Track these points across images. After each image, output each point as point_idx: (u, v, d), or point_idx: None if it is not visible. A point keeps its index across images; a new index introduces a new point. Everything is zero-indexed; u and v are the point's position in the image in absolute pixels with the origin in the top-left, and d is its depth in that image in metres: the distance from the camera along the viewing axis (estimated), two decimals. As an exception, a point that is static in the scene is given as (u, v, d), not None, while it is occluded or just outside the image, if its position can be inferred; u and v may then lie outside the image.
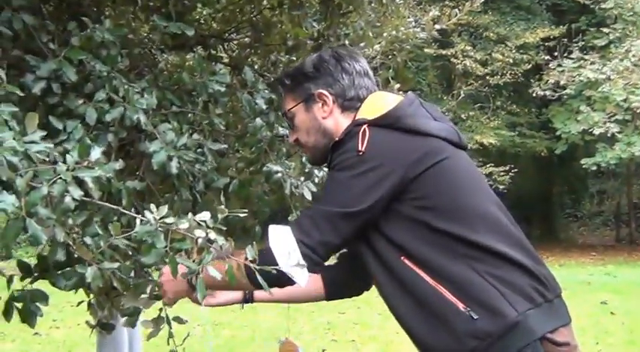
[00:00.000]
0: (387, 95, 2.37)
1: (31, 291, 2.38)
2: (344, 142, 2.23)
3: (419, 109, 2.27)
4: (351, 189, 2.16)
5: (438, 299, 2.13)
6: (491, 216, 2.23)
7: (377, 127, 2.19)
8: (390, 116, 2.21)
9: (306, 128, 2.43)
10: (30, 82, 2.54)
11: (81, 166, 2.10)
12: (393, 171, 2.14)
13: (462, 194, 2.20)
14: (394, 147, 2.17)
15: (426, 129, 2.21)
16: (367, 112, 2.27)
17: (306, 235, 2.14)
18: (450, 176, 2.20)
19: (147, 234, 2.12)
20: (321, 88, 2.38)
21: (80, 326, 8.78)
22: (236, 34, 3.97)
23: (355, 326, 9.24)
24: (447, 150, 2.22)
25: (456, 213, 2.16)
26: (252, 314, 9.77)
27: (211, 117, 3.01)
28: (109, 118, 2.60)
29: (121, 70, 2.79)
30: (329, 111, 2.38)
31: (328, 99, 2.38)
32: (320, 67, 2.40)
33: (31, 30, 2.64)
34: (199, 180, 2.96)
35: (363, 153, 2.14)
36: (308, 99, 2.40)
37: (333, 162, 2.25)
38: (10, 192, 1.98)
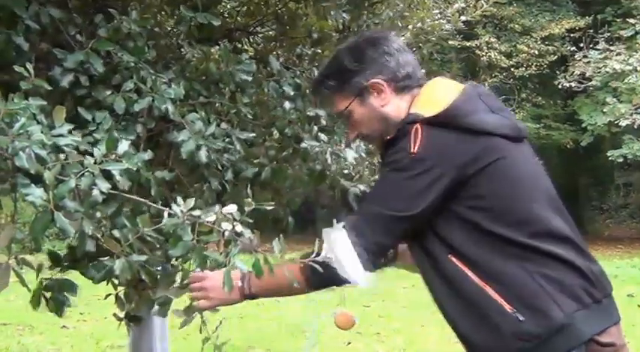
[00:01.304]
0: (445, 85, 2.31)
1: (59, 281, 2.40)
2: (397, 140, 2.18)
3: (477, 104, 2.20)
4: (403, 192, 2.13)
5: (484, 300, 2.10)
6: (544, 215, 2.18)
7: (431, 126, 2.13)
8: (445, 115, 2.14)
9: (367, 121, 2.36)
10: (58, 74, 2.56)
11: (108, 159, 2.11)
12: (445, 173, 2.10)
13: (515, 195, 2.16)
14: (447, 149, 2.12)
15: (483, 127, 2.14)
16: (423, 106, 2.21)
17: (361, 236, 2.10)
18: (504, 176, 2.15)
19: (174, 226, 2.13)
20: (372, 78, 2.31)
21: (107, 320, 8.81)
22: (261, 27, 3.96)
23: (380, 319, 9.21)
24: (503, 149, 2.16)
25: (509, 214, 2.13)
26: (278, 308, 9.79)
27: (239, 107, 3.01)
28: (137, 108, 2.61)
29: (148, 61, 2.79)
30: (386, 98, 2.32)
31: (382, 87, 2.31)
32: (361, 58, 2.34)
33: (59, 23, 2.65)
34: (228, 170, 2.96)
35: (415, 154, 2.10)
36: (361, 93, 2.33)
37: (386, 159, 2.21)
38: (39, 185, 1.99)
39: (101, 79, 2.65)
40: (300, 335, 8.25)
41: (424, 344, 7.82)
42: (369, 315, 9.30)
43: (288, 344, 7.82)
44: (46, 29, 2.64)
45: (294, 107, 3.16)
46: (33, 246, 2.24)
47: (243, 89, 3.06)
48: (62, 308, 2.40)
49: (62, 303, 2.39)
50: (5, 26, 2.53)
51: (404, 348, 7.67)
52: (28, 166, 1.95)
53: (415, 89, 2.32)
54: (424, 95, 2.27)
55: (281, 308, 9.75)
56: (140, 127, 2.67)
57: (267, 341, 7.98)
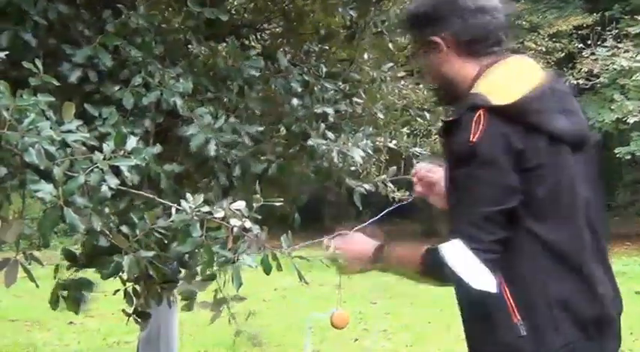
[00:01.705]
0: (523, 70, 2.21)
1: (76, 279, 2.41)
2: (461, 127, 2.07)
3: (549, 102, 2.11)
4: (496, 185, 2.04)
5: (497, 299, 2.06)
6: (584, 231, 2.14)
7: (496, 115, 2.04)
8: (514, 109, 2.05)
9: (428, 70, 2.36)
10: (67, 70, 2.56)
11: (117, 155, 2.11)
12: (510, 159, 2.02)
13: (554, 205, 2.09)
14: (510, 139, 2.03)
15: (548, 128, 2.07)
16: (493, 89, 2.10)
17: (479, 242, 2.03)
18: (551, 185, 2.08)
19: (183, 222, 2.13)
20: (438, 34, 2.25)
21: (114, 316, 8.82)
22: (268, 23, 3.96)
23: (387, 316, 9.22)
24: (560, 158, 2.10)
25: (549, 219, 2.08)
26: (285, 305, 9.80)
27: (247, 102, 3.01)
28: (145, 102, 2.61)
29: (156, 56, 2.80)
30: (445, 58, 2.27)
31: (442, 46, 2.25)
32: (435, 11, 2.27)
33: (66, 19, 2.65)
34: (236, 166, 2.95)
35: (474, 143, 2.01)
36: (426, 45, 2.29)
37: (458, 153, 2.10)
38: (48, 181, 2.00)
39: (109, 73, 2.65)
40: (308, 331, 8.25)
41: (431, 341, 7.82)
42: (375, 312, 9.31)
43: (296, 339, 7.82)
44: (53, 25, 2.64)
45: (301, 104, 3.16)
46: (41, 242, 2.25)
47: (250, 85, 3.06)
48: (80, 305, 2.41)
49: (80, 301, 2.40)
50: (13, 22, 2.53)
51: (411, 345, 7.67)
52: (38, 162, 1.96)
53: (485, 57, 2.24)
54: (496, 76, 2.17)
55: (288, 305, 9.77)
56: (148, 122, 2.67)
57: (277, 337, 7.99)
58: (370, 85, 3.88)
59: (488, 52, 2.25)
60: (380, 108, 3.76)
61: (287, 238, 2.12)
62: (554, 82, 2.20)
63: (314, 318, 3.09)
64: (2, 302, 9.89)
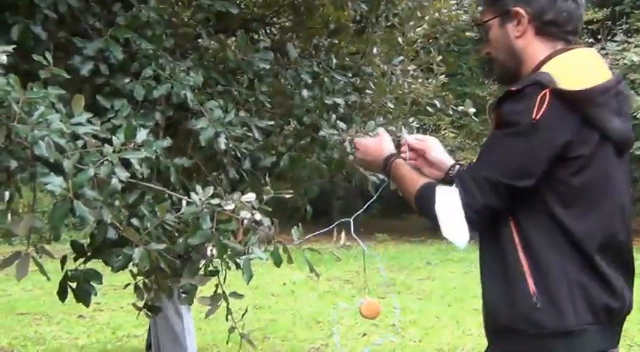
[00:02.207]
0: (594, 64, 2.20)
1: (84, 271, 2.41)
2: (520, 97, 2.08)
3: (612, 101, 2.12)
4: (519, 160, 2.08)
5: (517, 272, 2.10)
6: (607, 227, 2.16)
7: (560, 99, 2.04)
8: (579, 97, 2.06)
9: (497, 45, 2.33)
10: (78, 63, 2.56)
11: (127, 148, 2.11)
12: (556, 148, 2.04)
13: (590, 197, 2.11)
14: (565, 126, 2.05)
15: (604, 125, 2.09)
16: (563, 73, 2.09)
17: (472, 198, 2.10)
18: (587, 178, 2.10)
19: (193, 214, 2.13)
20: (519, 6, 2.25)
21: (123, 309, 8.88)
22: (277, 17, 3.96)
23: (395, 310, 9.22)
24: (603, 154, 2.12)
25: (576, 209, 2.10)
26: (293, 299, 9.81)
27: (257, 95, 3.01)
28: (156, 95, 2.61)
29: (167, 49, 2.80)
30: (522, 31, 2.26)
31: (524, 19, 2.25)
32: None
33: (77, 12, 2.65)
34: (246, 159, 2.96)
35: (536, 121, 2.02)
36: (504, 15, 2.28)
37: (504, 117, 2.12)
38: (58, 174, 1.99)
39: (120, 66, 2.65)
40: (315, 325, 8.26)
41: (439, 336, 7.81)
42: (384, 307, 9.28)
43: (304, 334, 7.83)
44: (64, 18, 2.64)
45: (311, 95, 3.15)
46: (52, 236, 2.25)
47: (260, 78, 3.06)
48: (89, 297, 2.41)
49: (88, 293, 2.40)
50: (24, 15, 2.53)
51: (419, 340, 7.67)
52: (48, 155, 1.95)
53: (559, 42, 2.25)
54: (567, 61, 2.17)
55: (296, 299, 9.78)
56: (159, 115, 2.67)
57: (283, 331, 8.00)
58: (380, 78, 3.88)
59: (563, 38, 2.27)
60: (390, 98, 3.76)
61: (298, 230, 2.12)
62: (620, 84, 2.20)
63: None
64: (12, 295, 9.94)
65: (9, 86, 1.93)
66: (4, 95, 1.92)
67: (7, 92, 1.92)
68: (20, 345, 7.49)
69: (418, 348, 7.32)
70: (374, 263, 12.34)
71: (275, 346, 7.38)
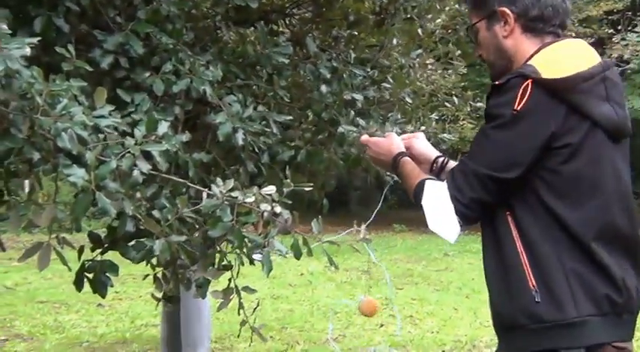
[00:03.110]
0: (579, 52, 2.19)
1: (101, 262, 2.44)
2: (503, 90, 2.11)
3: (597, 87, 2.12)
4: (504, 152, 2.10)
5: (516, 267, 2.10)
6: (604, 215, 2.14)
7: (543, 88, 2.05)
8: (560, 85, 2.06)
9: (486, 45, 2.34)
10: (98, 56, 2.58)
11: (149, 140, 2.13)
12: (542, 138, 2.05)
13: (583, 186, 2.11)
14: (549, 115, 2.06)
15: (589, 112, 2.09)
16: (545, 63, 2.11)
17: (459, 191, 2.13)
18: (578, 166, 2.09)
19: (213, 207, 2.14)
20: (504, 6, 2.25)
21: (142, 298, 8.94)
22: (297, 8, 3.96)
23: (413, 302, 9.22)
24: (595, 142, 2.11)
25: (569, 198, 2.09)
26: (310, 289, 9.83)
27: (275, 90, 3.01)
28: (175, 90, 2.63)
29: (186, 43, 2.81)
30: (510, 31, 2.27)
31: (510, 18, 2.25)
32: None
33: (98, 5, 2.67)
34: (264, 153, 2.97)
35: (518, 112, 2.04)
36: (490, 16, 2.29)
37: (489, 109, 2.15)
38: (80, 166, 2.01)
39: (140, 60, 2.67)
40: (333, 316, 8.28)
41: (456, 327, 7.82)
42: (401, 298, 9.32)
43: (321, 324, 7.86)
44: (85, 11, 2.66)
45: (330, 90, 3.16)
46: (73, 226, 2.28)
47: (280, 71, 3.06)
48: (105, 288, 2.44)
49: (105, 284, 2.43)
50: (46, 8, 2.55)
51: (437, 331, 7.67)
52: (70, 147, 1.97)
53: (547, 36, 2.26)
54: (552, 52, 2.18)
55: (314, 290, 9.80)
56: (178, 109, 2.69)
57: (300, 321, 8.02)
58: (399, 70, 3.88)
59: (551, 32, 2.27)
60: (408, 92, 3.75)
61: (317, 223, 2.13)
62: (608, 70, 2.19)
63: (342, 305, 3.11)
64: (32, 283, 10.02)
65: (32, 78, 1.95)
66: (27, 87, 1.94)
67: (30, 84, 1.94)
68: (40, 333, 7.56)
69: (436, 339, 7.32)
70: (392, 253, 12.40)
71: (292, 336, 7.41)
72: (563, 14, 2.29)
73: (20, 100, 1.97)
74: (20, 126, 1.99)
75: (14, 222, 2.23)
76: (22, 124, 1.98)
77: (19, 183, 2.27)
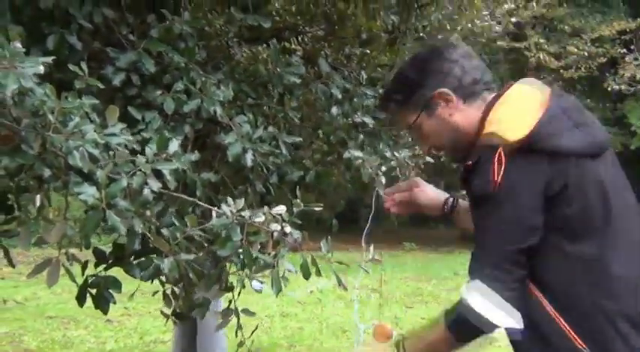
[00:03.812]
0: (528, 97, 2.14)
1: (104, 278, 2.43)
2: (479, 170, 2.06)
3: (561, 121, 2.07)
4: (514, 225, 2.03)
5: (556, 332, 2.04)
6: (622, 234, 2.10)
7: (514, 152, 2.01)
8: (529, 141, 2.01)
9: (437, 133, 2.26)
10: (110, 73, 2.59)
11: (159, 158, 2.13)
12: (539, 195, 2.01)
13: (591, 215, 2.06)
14: (533, 172, 2.02)
15: (567, 149, 2.04)
16: (505, 126, 2.06)
17: (502, 282, 2.03)
18: (580, 200, 2.05)
19: (223, 226, 2.14)
20: (437, 89, 2.20)
21: (151, 315, 8.92)
22: (310, 26, 3.97)
23: (423, 321, 9.17)
24: (584, 172, 2.06)
25: (584, 235, 2.05)
26: (320, 307, 9.80)
27: (286, 110, 3.02)
28: (186, 109, 2.63)
29: (198, 62, 2.81)
30: (454, 107, 2.21)
31: (449, 96, 2.20)
32: (424, 69, 2.24)
33: (111, 23, 2.68)
34: (273, 173, 2.96)
35: (502, 186, 1.99)
36: (428, 105, 2.22)
37: (475, 194, 2.10)
38: (91, 184, 2.02)
39: (152, 78, 2.67)
40: (342, 334, 8.25)
41: (466, 347, 7.76)
42: (411, 317, 9.28)
43: (330, 343, 7.83)
44: (99, 28, 2.67)
45: (341, 112, 3.15)
46: (83, 243, 2.28)
47: (291, 91, 3.07)
48: (107, 304, 2.43)
49: (107, 300, 2.42)
50: (59, 25, 2.57)
51: (446, 350, 7.63)
52: (81, 165, 1.98)
53: (485, 93, 2.22)
54: (504, 111, 2.12)
55: (323, 308, 9.77)
56: (188, 128, 2.69)
57: (309, 339, 7.99)
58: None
59: (487, 89, 2.23)
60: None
61: (326, 243, 2.12)
62: (561, 99, 2.16)
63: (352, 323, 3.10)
64: (41, 298, 10.02)
65: (45, 96, 1.96)
66: (40, 105, 1.95)
67: (43, 102, 1.95)
68: (48, 348, 7.56)
69: (445, 359, 7.27)
70: (402, 272, 12.37)
71: (301, 354, 7.38)
72: (486, 70, 2.28)
73: (32, 117, 1.98)
74: (32, 143, 1.99)
75: (24, 238, 2.24)
76: (34, 141, 1.99)
77: (30, 199, 2.28)
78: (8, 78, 1.82)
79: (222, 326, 2.66)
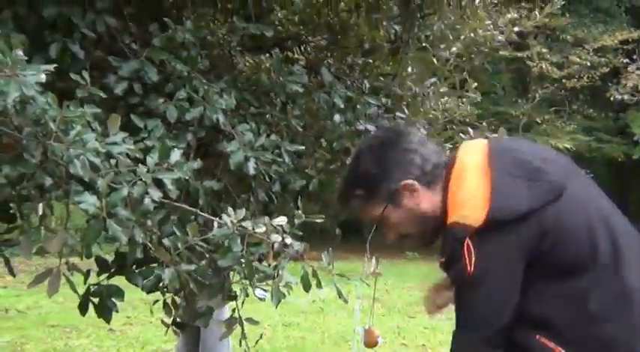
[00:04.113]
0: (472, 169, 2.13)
1: (107, 286, 2.42)
2: (452, 258, 2.07)
3: (512, 186, 2.07)
4: (494, 303, 2.08)
5: None
6: (606, 256, 2.09)
7: (480, 234, 2.02)
8: (489, 220, 2.01)
9: (405, 222, 2.25)
10: (112, 82, 2.59)
11: (161, 168, 2.12)
12: (519, 261, 2.04)
13: (574, 249, 2.07)
14: (503, 248, 2.05)
15: (529, 209, 2.03)
16: (464, 211, 2.07)
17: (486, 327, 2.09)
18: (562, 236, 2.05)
19: (224, 236, 2.13)
20: (401, 180, 2.20)
21: (153, 324, 8.90)
22: (313, 36, 3.96)
23: (425, 330, 9.16)
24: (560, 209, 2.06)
25: (574, 270, 2.06)
26: (322, 317, 9.78)
27: (289, 119, 3.02)
28: (189, 117, 2.63)
29: (201, 71, 2.81)
30: (419, 196, 2.21)
31: (414, 186, 2.20)
32: (385, 162, 2.23)
33: (114, 32, 2.68)
34: (276, 182, 2.96)
35: (477, 269, 2.02)
36: (393, 197, 2.21)
37: (456, 281, 2.14)
38: (92, 193, 2.01)
39: (154, 87, 2.67)
40: (344, 344, 8.23)
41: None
42: (414, 327, 9.26)
43: (332, 352, 7.81)
44: (101, 37, 2.67)
45: (343, 120, 3.15)
46: (84, 252, 2.27)
47: (294, 100, 3.06)
48: (109, 313, 2.42)
49: (109, 309, 2.41)
50: (62, 34, 2.57)
51: (448, 360, 7.61)
52: (82, 174, 1.97)
53: (440, 177, 2.22)
54: (460, 194, 2.12)
55: (325, 317, 9.75)
56: (190, 136, 2.69)
57: (311, 349, 7.98)
58: (413, 99, 3.87)
59: (441, 172, 2.23)
60: (423, 124, 3.74)
61: (327, 254, 2.11)
62: (504, 156, 2.16)
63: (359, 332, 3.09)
64: (43, 307, 10.00)
65: (47, 104, 1.96)
66: (41, 113, 1.94)
67: (44, 110, 1.94)
68: (50, 357, 7.55)
69: (447, 369, 7.25)
70: (405, 281, 12.37)
71: (303, 364, 7.37)
72: (440, 150, 2.31)
73: (34, 126, 1.98)
74: (33, 152, 1.99)
75: (25, 247, 2.23)
76: (35, 150, 1.99)
77: (33, 208, 2.28)
78: (10, 86, 1.82)
79: (227, 335, 2.65)
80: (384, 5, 3.60)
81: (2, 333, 8.50)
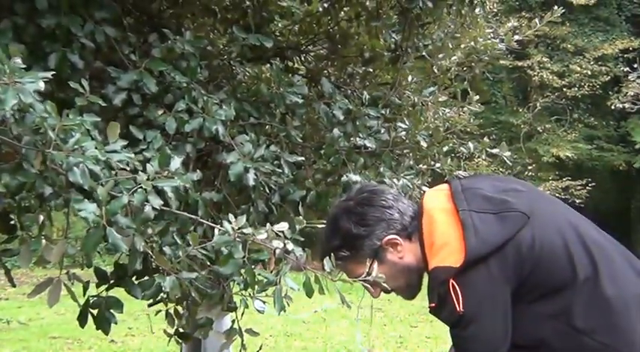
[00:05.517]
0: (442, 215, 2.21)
1: (106, 298, 2.42)
2: (440, 303, 2.13)
3: (483, 224, 2.13)
4: (490, 335, 2.13)
5: None
6: (585, 269, 2.13)
7: (463, 274, 2.08)
8: (468, 260, 2.08)
9: (390, 276, 2.26)
10: (111, 92, 2.59)
11: (161, 176, 2.12)
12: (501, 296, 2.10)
13: (555, 268, 2.12)
14: (486, 283, 2.10)
15: (504, 240, 2.10)
16: (443, 255, 2.13)
17: None
18: (541, 264, 2.11)
19: (225, 244, 2.13)
20: (384, 237, 2.26)
21: (155, 335, 8.89)
22: (313, 45, 3.97)
23: (427, 340, 9.14)
24: (534, 236, 2.12)
25: (555, 287, 2.11)
26: (324, 326, 9.76)
27: (288, 130, 3.01)
28: (188, 129, 2.63)
29: (200, 82, 2.81)
30: (402, 250, 2.27)
31: (397, 240, 2.26)
32: (365, 220, 2.28)
33: (113, 42, 2.68)
34: (275, 192, 2.95)
35: (463, 312, 2.07)
36: (378, 254, 2.26)
37: (448, 323, 2.17)
38: (92, 201, 2.01)
39: (153, 98, 2.67)
40: None
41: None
42: (416, 336, 9.24)
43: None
44: (100, 47, 2.67)
45: (343, 134, 3.15)
46: (85, 262, 2.26)
47: (293, 111, 3.06)
48: (109, 325, 2.42)
49: (109, 321, 2.40)
50: (61, 44, 2.57)
51: (451, 370, 7.59)
52: (82, 182, 1.97)
53: (416, 222, 2.28)
54: (433, 239, 2.19)
55: (328, 327, 9.73)
56: (190, 147, 2.68)
57: (313, 359, 7.96)
58: (412, 109, 3.87)
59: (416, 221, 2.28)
60: (423, 135, 3.73)
61: (329, 261, 2.11)
62: (465, 185, 2.25)
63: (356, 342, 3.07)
64: (45, 319, 10.00)
65: (46, 113, 1.95)
66: (40, 122, 1.94)
67: (43, 119, 1.94)
68: (52, 369, 7.53)
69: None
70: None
71: (305, 374, 7.34)
72: (412, 203, 2.37)
73: (33, 135, 1.98)
74: (32, 161, 1.99)
75: (25, 256, 2.23)
76: (35, 159, 1.99)
77: (33, 218, 2.27)
78: (7, 93, 1.82)
79: (227, 346, 2.64)
80: (383, 14, 3.60)
81: (4, 345, 8.49)
